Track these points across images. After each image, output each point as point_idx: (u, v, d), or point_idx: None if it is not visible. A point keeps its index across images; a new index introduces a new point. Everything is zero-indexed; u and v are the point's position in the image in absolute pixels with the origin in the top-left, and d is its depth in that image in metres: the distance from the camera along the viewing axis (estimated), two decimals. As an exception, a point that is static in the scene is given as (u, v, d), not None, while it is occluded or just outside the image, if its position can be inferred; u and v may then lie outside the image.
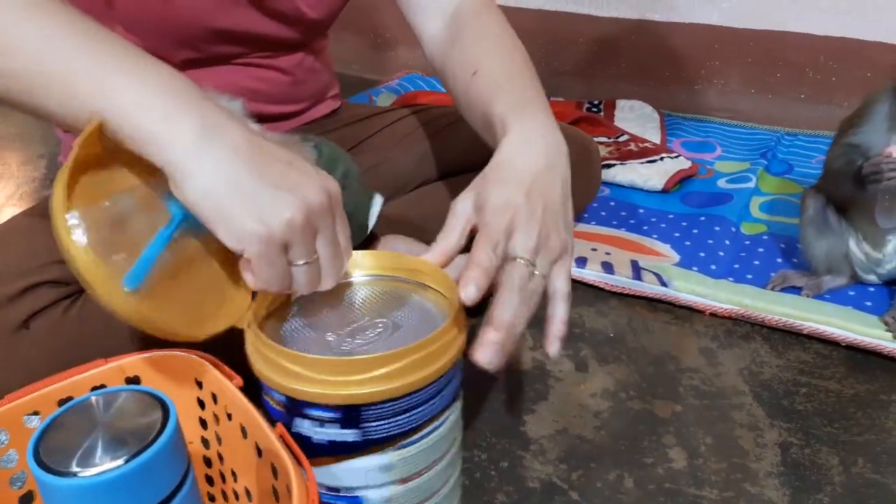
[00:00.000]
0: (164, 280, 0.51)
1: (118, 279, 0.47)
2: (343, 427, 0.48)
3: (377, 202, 0.79)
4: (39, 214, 0.72)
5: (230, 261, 0.62)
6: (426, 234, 0.94)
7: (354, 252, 0.60)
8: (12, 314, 0.64)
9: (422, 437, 0.50)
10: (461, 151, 0.97)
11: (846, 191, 0.89)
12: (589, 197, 1.08)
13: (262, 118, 0.89)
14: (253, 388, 0.52)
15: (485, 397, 0.79)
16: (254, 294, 0.58)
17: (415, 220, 0.95)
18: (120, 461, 0.37)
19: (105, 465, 0.37)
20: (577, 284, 1.02)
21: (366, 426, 0.48)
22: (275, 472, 0.46)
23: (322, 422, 0.48)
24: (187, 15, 0.75)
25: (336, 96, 1.04)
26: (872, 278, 0.96)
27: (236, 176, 0.46)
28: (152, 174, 0.58)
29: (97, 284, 0.45)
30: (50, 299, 0.65)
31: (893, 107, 0.85)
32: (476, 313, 0.56)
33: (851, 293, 0.95)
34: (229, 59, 0.83)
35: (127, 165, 0.58)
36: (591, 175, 1.04)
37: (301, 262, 0.49)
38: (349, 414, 0.47)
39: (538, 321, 0.92)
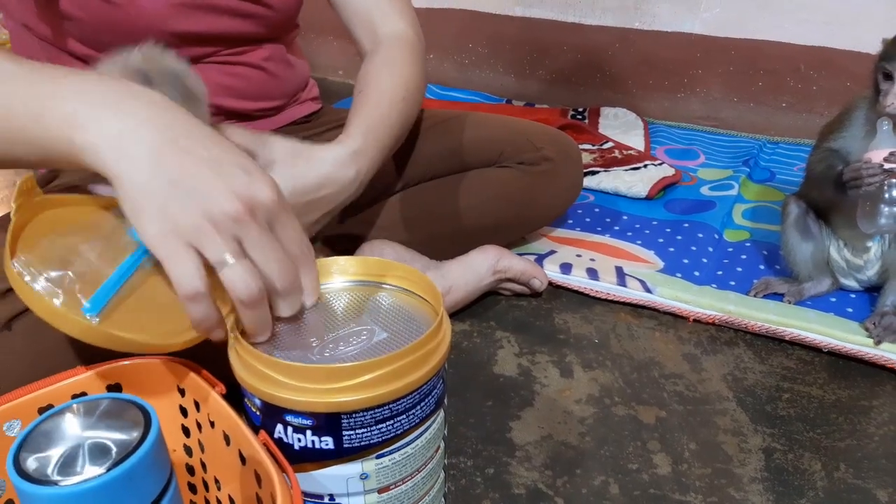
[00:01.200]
0: (129, 300, 0.51)
1: (75, 310, 0.47)
2: (322, 434, 0.48)
3: None
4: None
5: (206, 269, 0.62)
6: (412, 235, 0.94)
7: (339, 258, 0.60)
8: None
9: (403, 446, 0.50)
10: (444, 153, 0.98)
11: (827, 195, 0.90)
12: (571, 197, 1.09)
13: (239, 115, 0.89)
14: (237, 394, 0.51)
15: (470, 404, 0.79)
16: None
17: (400, 223, 0.95)
18: (101, 470, 0.36)
19: (86, 473, 0.36)
20: (562, 290, 1.02)
21: (345, 434, 0.48)
22: (258, 479, 0.46)
23: (301, 429, 0.48)
24: (144, 23, 0.75)
25: (316, 99, 1.04)
26: (854, 285, 0.97)
27: (149, 176, 0.46)
28: (107, 209, 0.58)
29: (56, 322, 0.46)
30: None
31: (871, 113, 0.86)
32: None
33: (833, 299, 0.96)
34: (198, 59, 0.83)
35: (77, 209, 0.58)
36: (571, 175, 1.05)
37: (221, 259, 0.45)
38: (329, 421, 0.47)
39: (522, 327, 0.93)
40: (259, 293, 0.47)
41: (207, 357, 0.54)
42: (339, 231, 0.94)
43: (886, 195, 0.80)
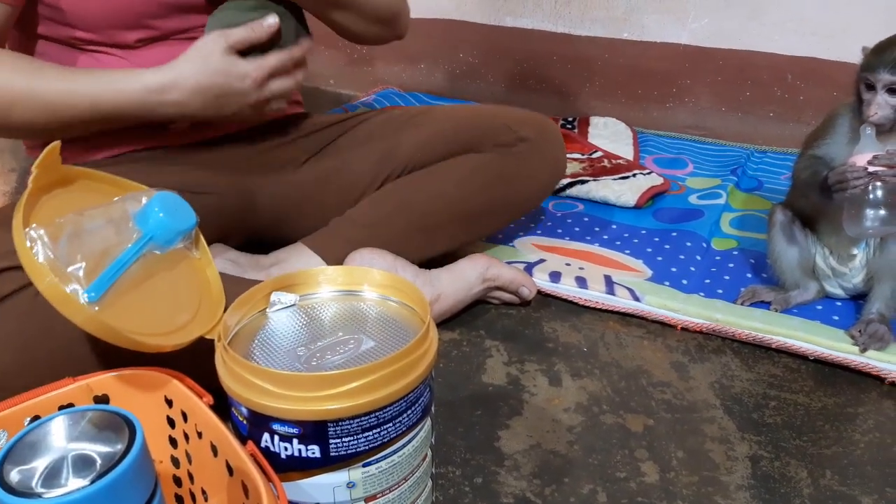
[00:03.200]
0: (128, 292, 0.52)
1: (77, 292, 0.48)
2: (309, 443, 0.48)
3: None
4: (5, 215, 0.74)
5: (199, 274, 0.63)
6: (394, 230, 0.93)
7: (327, 268, 0.60)
8: None
9: (390, 455, 0.50)
10: (421, 144, 0.99)
11: (813, 201, 0.91)
12: (553, 175, 1.08)
13: None
14: (224, 405, 0.51)
15: (459, 413, 0.79)
16: (225, 307, 0.58)
17: (382, 219, 0.94)
18: (85, 482, 0.36)
19: (70, 486, 0.36)
20: (551, 299, 1.02)
21: (332, 442, 0.48)
22: (245, 490, 0.46)
23: (288, 437, 0.48)
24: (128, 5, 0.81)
25: (300, 103, 1.05)
26: (839, 293, 0.98)
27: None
28: (118, 194, 0.59)
29: (55, 301, 0.46)
30: (18, 284, 0.64)
31: (854, 121, 0.87)
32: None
33: (819, 307, 0.97)
34: (182, 32, 0.86)
35: (92, 187, 0.59)
36: (551, 154, 1.05)
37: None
38: (315, 430, 0.47)
39: (511, 335, 0.93)
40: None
41: (194, 367, 0.54)
42: (325, 235, 0.94)
43: (871, 197, 0.81)
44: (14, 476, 0.37)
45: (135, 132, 0.88)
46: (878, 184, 0.80)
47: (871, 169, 0.80)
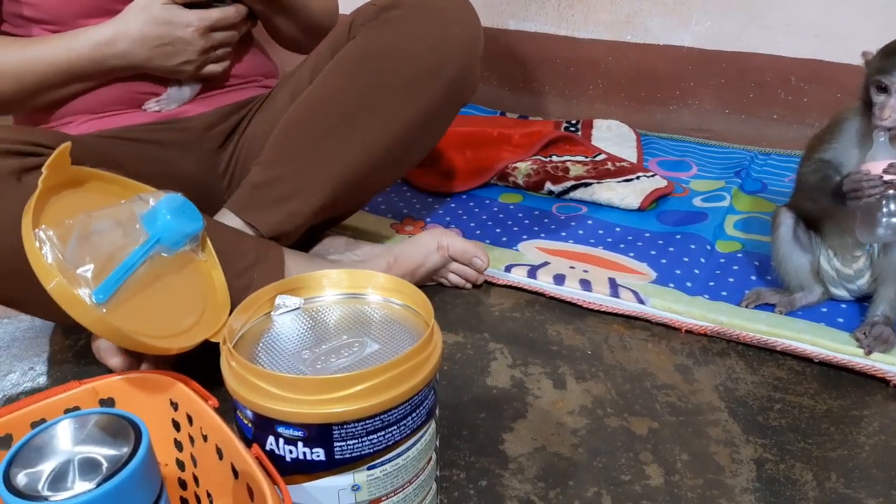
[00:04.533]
0: (135, 294, 0.52)
1: (85, 294, 0.48)
2: (314, 446, 0.48)
3: None
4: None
5: (205, 277, 0.63)
6: (295, 152, 0.91)
7: (331, 271, 0.61)
8: None
9: (394, 457, 0.50)
10: (316, 67, 0.98)
11: (821, 206, 0.91)
12: (460, 36, 0.93)
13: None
14: (229, 408, 0.52)
15: (463, 416, 0.79)
16: (231, 310, 0.59)
17: (281, 147, 0.92)
18: (91, 485, 0.37)
19: (76, 489, 0.36)
20: (555, 302, 1.02)
21: (336, 445, 0.48)
22: (251, 493, 0.46)
23: (293, 440, 0.48)
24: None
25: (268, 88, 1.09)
26: (844, 294, 0.97)
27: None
28: (127, 195, 0.59)
29: (61, 299, 0.47)
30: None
31: (863, 124, 0.87)
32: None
33: (824, 310, 0.97)
34: None
35: (101, 188, 0.60)
36: (439, 8, 0.93)
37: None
38: (320, 433, 0.47)
39: (515, 338, 0.93)
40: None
41: (200, 370, 0.55)
42: (240, 189, 0.92)
43: (885, 207, 0.81)
44: (21, 479, 0.37)
45: (111, 108, 0.93)
46: (893, 192, 0.80)
47: (886, 178, 0.80)
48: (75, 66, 0.86)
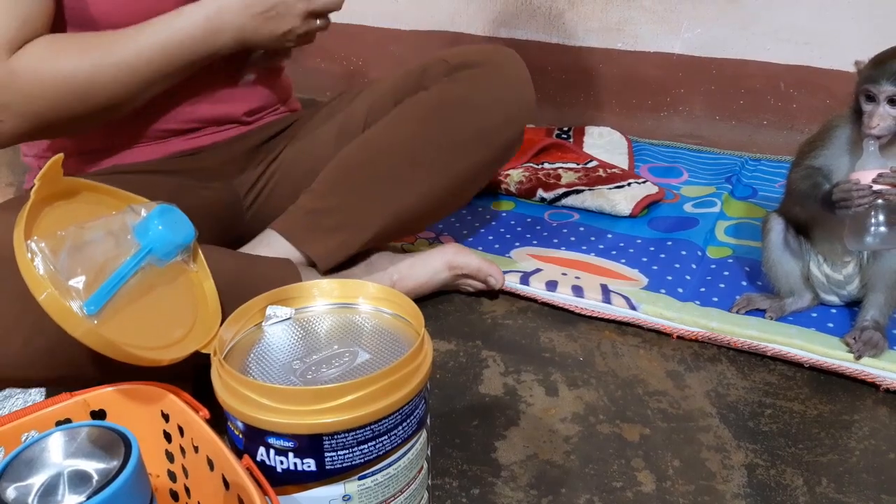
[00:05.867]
0: (126, 306, 0.52)
1: (76, 306, 0.48)
2: (304, 456, 0.48)
3: None
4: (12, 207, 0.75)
5: (196, 288, 0.63)
6: (350, 189, 0.92)
7: (322, 281, 0.61)
8: None
9: (385, 467, 0.51)
10: (370, 106, 0.99)
11: (810, 212, 0.92)
12: (520, 97, 0.99)
13: (219, 121, 0.96)
14: (221, 419, 0.52)
15: (455, 424, 0.79)
16: (222, 320, 0.59)
17: (337, 180, 0.93)
18: (81, 498, 0.37)
19: (66, 502, 0.37)
20: (547, 309, 1.03)
21: (327, 456, 0.48)
22: (241, 504, 0.46)
23: (283, 451, 0.48)
24: (156, 8, 0.82)
25: (295, 111, 1.09)
26: (834, 300, 0.98)
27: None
28: (119, 206, 0.60)
29: (53, 311, 0.47)
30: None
31: (852, 132, 0.87)
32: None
33: (814, 315, 0.97)
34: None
35: (93, 199, 0.60)
36: (508, 73, 0.99)
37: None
38: (311, 443, 0.47)
39: (507, 346, 0.93)
40: None
41: (190, 381, 0.55)
42: (289, 213, 0.93)
43: (874, 216, 0.81)
44: (10, 493, 0.37)
45: (130, 144, 0.89)
46: (882, 202, 0.81)
47: (875, 187, 0.81)
48: (187, 49, 0.81)
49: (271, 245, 0.90)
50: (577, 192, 1.32)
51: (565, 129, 1.69)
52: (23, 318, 0.60)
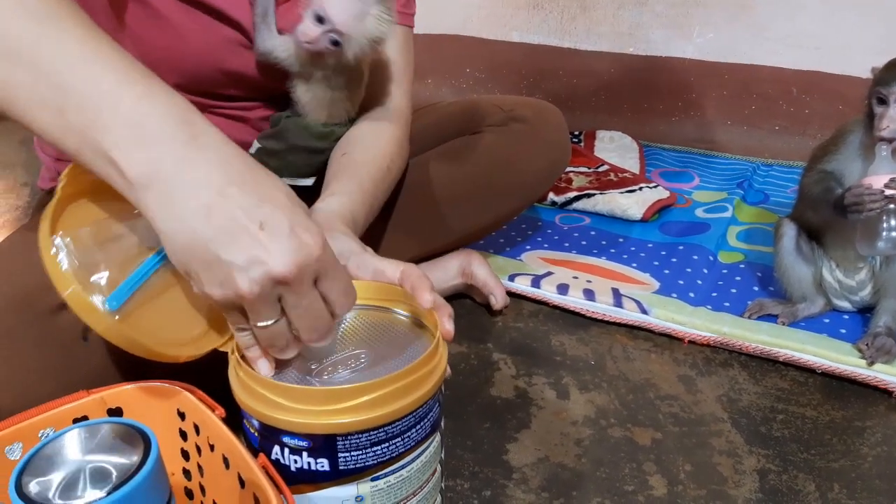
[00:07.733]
0: (147, 302, 0.53)
1: (99, 301, 0.49)
2: (318, 456, 0.48)
3: None
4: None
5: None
6: (394, 221, 0.92)
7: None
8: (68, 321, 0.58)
9: (398, 469, 0.51)
10: (415, 138, 0.95)
11: (823, 216, 0.92)
12: (556, 159, 1.04)
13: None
14: (237, 418, 0.52)
15: (468, 426, 0.80)
16: None
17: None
18: (101, 493, 0.37)
19: (87, 497, 0.37)
20: (558, 313, 1.03)
21: (341, 456, 0.48)
22: (257, 502, 0.46)
23: (298, 450, 0.48)
24: (193, 59, 0.75)
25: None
26: (846, 305, 0.98)
27: (200, 241, 0.45)
28: None
29: (76, 307, 0.47)
30: None
31: (865, 136, 0.87)
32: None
33: (826, 320, 0.97)
34: (240, 99, 0.82)
35: (117, 196, 0.60)
36: (551, 134, 1.03)
37: (260, 324, 0.47)
38: (325, 443, 0.48)
39: (519, 349, 0.93)
40: (285, 345, 0.50)
41: (207, 380, 0.55)
42: None
43: (886, 221, 0.81)
44: (32, 487, 0.37)
45: None
46: (893, 207, 0.81)
47: (888, 192, 0.81)
48: (86, 122, 0.46)
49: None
50: (589, 195, 1.32)
51: (576, 133, 1.69)
52: (55, 360, 0.61)
